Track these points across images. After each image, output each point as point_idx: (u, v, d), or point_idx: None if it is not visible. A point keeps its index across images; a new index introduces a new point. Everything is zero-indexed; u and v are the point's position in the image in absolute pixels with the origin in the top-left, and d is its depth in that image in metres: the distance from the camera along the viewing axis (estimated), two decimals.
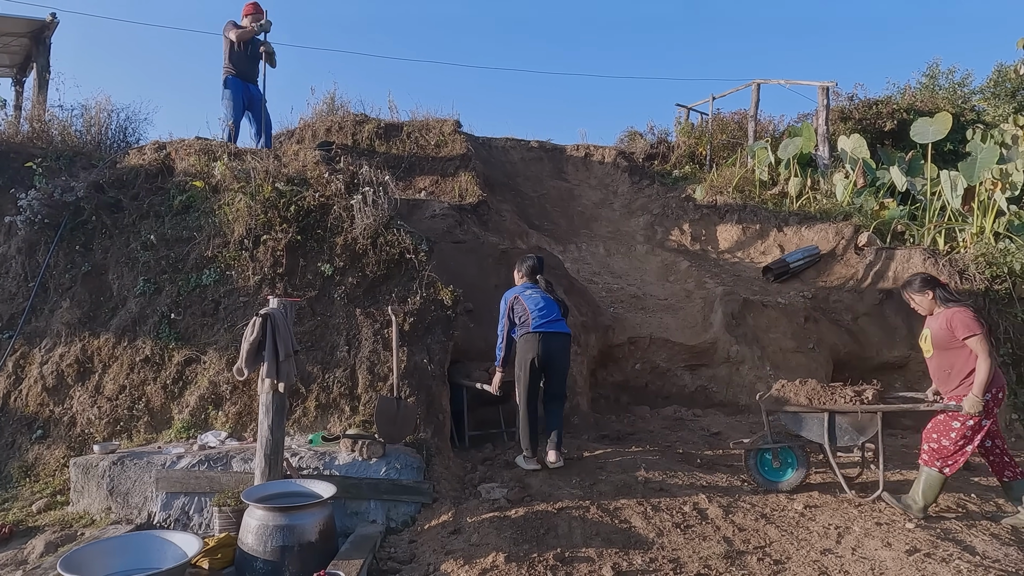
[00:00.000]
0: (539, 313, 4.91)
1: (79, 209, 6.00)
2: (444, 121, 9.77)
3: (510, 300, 5.04)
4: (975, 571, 3.31)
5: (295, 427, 5.06)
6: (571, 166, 11.34)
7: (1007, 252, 7.45)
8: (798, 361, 6.90)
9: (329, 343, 5.36)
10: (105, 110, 7.56)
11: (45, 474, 5.06)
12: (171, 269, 5.73)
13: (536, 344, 4.82)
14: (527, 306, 4.94)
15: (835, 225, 8.77)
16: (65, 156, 6.65)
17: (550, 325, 4.89)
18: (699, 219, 9.97)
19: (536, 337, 4.83)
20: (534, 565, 3.53)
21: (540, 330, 4.85)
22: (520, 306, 4.98)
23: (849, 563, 3.49)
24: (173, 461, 4.51)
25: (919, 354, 7.07)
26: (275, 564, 3.55)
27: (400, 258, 5.68)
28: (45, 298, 5.81)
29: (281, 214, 5.71)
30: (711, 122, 12.56)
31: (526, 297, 4.99)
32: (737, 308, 7.21)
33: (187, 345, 5.42)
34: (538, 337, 4.83)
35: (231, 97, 7.22)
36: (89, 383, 5.39)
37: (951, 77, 17.13)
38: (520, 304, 4.98)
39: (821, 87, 10.52)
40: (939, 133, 9.06)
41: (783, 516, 4.11)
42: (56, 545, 4.11)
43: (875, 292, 7.66)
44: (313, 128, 9.61)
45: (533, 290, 5.08)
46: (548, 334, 4.86)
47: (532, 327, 4.85)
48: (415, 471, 4.54)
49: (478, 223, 8.00)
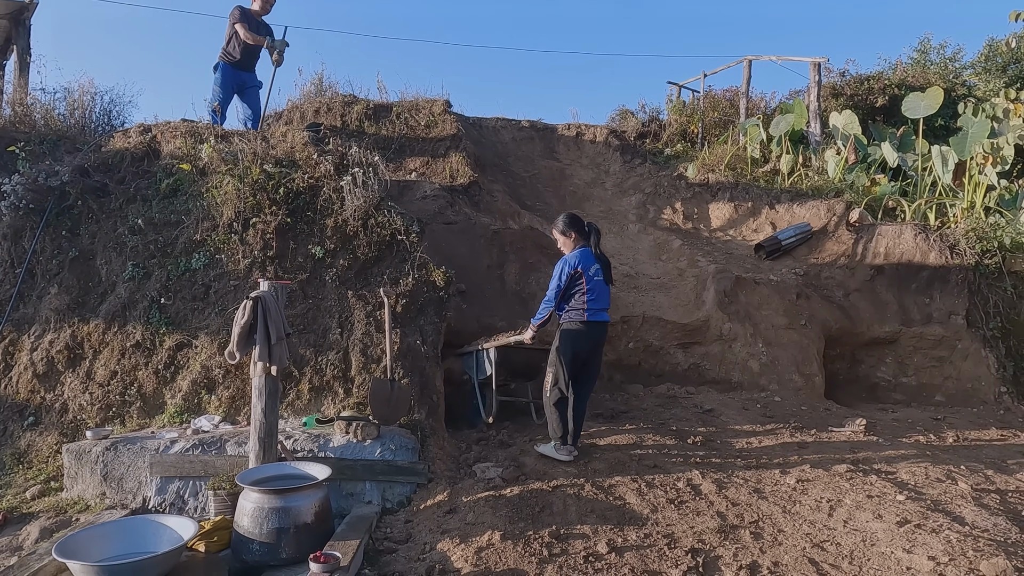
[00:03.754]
0: (595, 299, 4.57)
1: (64, 194, 5.91)
2: (434, 101, 9.65)
3: (571, 271, 4.57)
4: (965, 541, 3.36)
5: (289, 410, 5.05)
6: (562, 145, 11.26)
7: (997, 227, 7.48)
8: (790, 337, 6.93)
9: (322, 326, 5.34)
10: (88, 93, 7.45)
11: (38, 461, 5.05)
12: (160, 253, 5.67)
13: (586, 335, 4.58)
14: (586, 290, 4.56)
15: (827, 202, 8.77)
16: (49, 140, 6.55)
17: (600, 314, 4.62)
18: (691, 197, 9.94)
19: (587, 327, 4.57)
20: (530, 543, 3.56)
21: (592, 320, 4.57)
22: (579, 287, 4.57)
23: (841, 535, 3.53)
24: (167, 446, 4.50)
25: (910, 328, 7.15)
26: (271, 546, 3.56)
27: (391, 240, 5.64)
28: (32, 284, 5.75)
29: (270, 196, 5.65)
30: (703, 100, 12.48)
31: (589, 277, 4.57)
32: (729, 286, 7.22)
33: (178, 330, 5.39)
34: (588, 327, 4.57)
35: (220, 82, 7.12)
36: (80, 369, 5.36)
37: (942, 52, 17.10)
38: (580, 284, 4.57)
39: (812, 63, 10.45)
40: (930, 108, 9.04)
41: (776, 490, 4.15)
42: (51, 531, 4.11)
43: (866, 268, 7.68)
44: (301, 110, 9.48)
45: (595, 266, 4.62)
46: (597, 323, 4.60)
47: (587, 317, 4.54)
48: (410, 452, 4.55)
49: (469, 204, 7.95)
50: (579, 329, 4.57)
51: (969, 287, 7.23)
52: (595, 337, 4.63)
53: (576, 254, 4.63)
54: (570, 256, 4.65)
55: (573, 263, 4.57)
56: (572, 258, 4.61)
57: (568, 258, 4.64)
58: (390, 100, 9.76)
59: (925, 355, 7.14)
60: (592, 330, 4.59)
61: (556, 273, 4.63)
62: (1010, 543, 3.40)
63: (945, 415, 6.27)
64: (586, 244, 4.69)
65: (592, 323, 4.57)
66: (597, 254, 4.66)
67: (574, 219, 4.78)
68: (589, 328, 4.57)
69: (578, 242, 4.71)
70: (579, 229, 4.72)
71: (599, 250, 4.70)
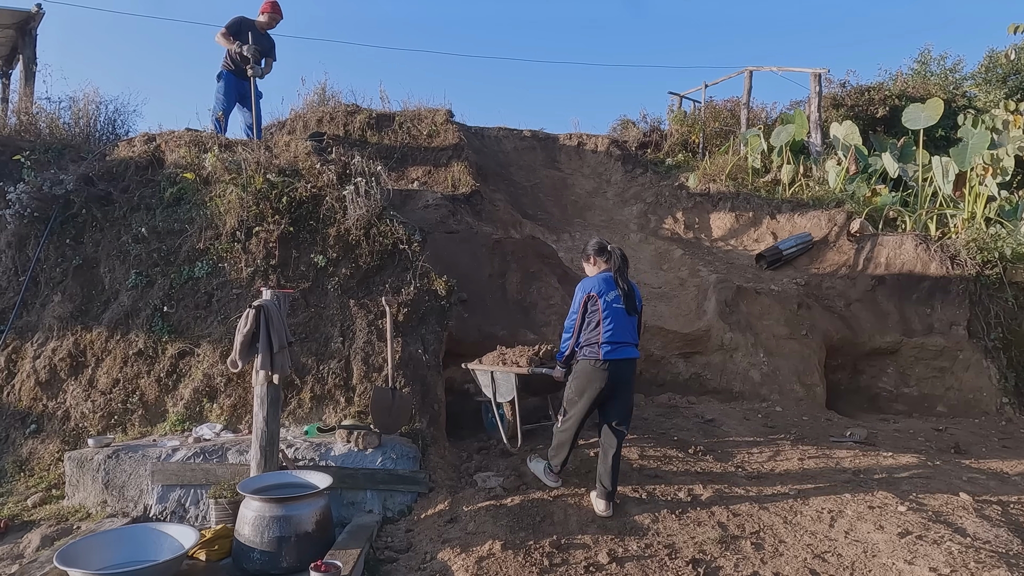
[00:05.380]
0: (612, 331, 4.02)
1: (69, 202, 5.95)
2: (436, 111, 9.71)
3: (585, 298, 4.11)
4: (966, 552, 3.35)
5: (290, 419, 5.06)
6: (564, 155, 11.31)
7: (998, 237, 7.50)
8: (791, 348, 6.93)
9: (323, 334, 5.35)
10: (93, 102, 7.50)
11: (40, 468, 5.05)
12: (163, 262, 5.69)
13: (600, 374, 4.01)
14: (602, 319, 4.03)
15: (827, 212, 8.79)
16: (54, 149, 6.59)
17: (621, 349, 4.04)
18: (692, 207, 9.97)
19: (604, 366, 4.00)
20: (531, 552, 3.55)
21: (609, 357, 4.00)
22: (595, 315, 4.07)
23: (842, 546, 3.52)
24: (168, 454, 4.50)
25: (911, 339, 7.15)
26: (272, 555, 3.56)
27: (393, 248, 5.67)
28: (36, 292, 5.77)
29: (273, 205, 5.68)
30: (704, 110, 12.53)
31: (605, 304, 4.05)
32: (730, 296, 7.23)
33: (180, 338, 5.40)
34: (606, 366, 4.00)
35: (224, 90, 7.16)
36: (82, 377, 5.37)
37: (943, 63, 17.16)
38: (596, 311, 4.07)
39: (813, 74, 10.51)
40: (931, 119, 9.08)
41: (777, 501, 4.14)
42: (52, 539, 4.10)
43: (867, 278, 7.69)
44: (304, 119, 9.53)
45: (615, 294, 4.10)
46: (615, 362, 4.02)
47: (602, 355, 3.99)
48: (411, 461, 4.55)
49: (471, 213, 7.98)
50: (592, 368, 4.03)
51: (970, 297, 7.23)
52: (614, 377, 4.02)
53: (594, 279, 4.19)
54: (587, 280, 4.23)
55: (588, 287, 4.14)
56: (588, 282, 4.18)
57: (584, 282, 4.22)
58: (393, 109, 9.82)
59: (926, 365, 7.13)
60: (610, 369, 4.00)
61: (573, 300, 4.24)
62: (1012, 555, 3.39)
63: (947, 426, 6.26)
64: (609, 269, 4.23)
65: (609, 361, 4.00)
66: (618, 280, 4.14)
67: (600, 246, 4.32)
68: (604, 366, 3.99)
69: (601, 268, 4.28)
70: (604, 255, 4.29)
71: (623, 277, 4.17)
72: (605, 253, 4.27)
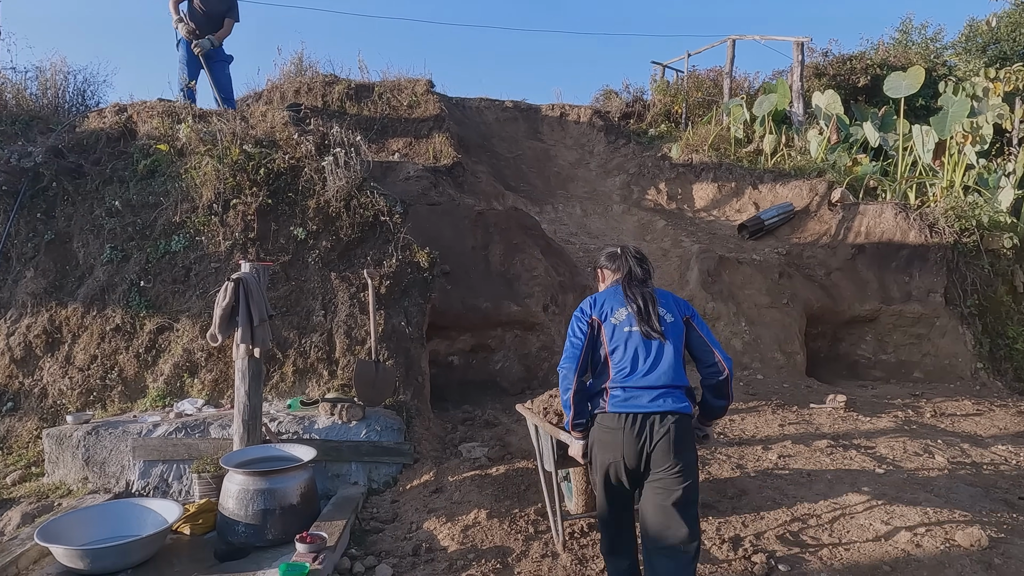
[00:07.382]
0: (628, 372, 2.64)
1: (38, 175, 5.78)
2: (416, 81, 9.55)
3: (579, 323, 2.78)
4: (941, 512, 3.44)
5: (273, 393, 5.03)
6: (547, 126, 11.21)
7: (975, 205, 7.58)
8: (772, 316, 7.00)
9: (305, 308, 5.30)
10: (61, 72, 7.26)
11: (18, 446, 4.99)
12: (138, 236, 5.58)
13: (615, 439, 2.58)
14: (608, 353, 2.70)
15: (809, 182, 8.82)
16: (21, 120, 6.40)
17: (643, 398, 2.58)
18: (675, 178, 9.95)
19: (616, 425, 2.58)
20: (515, 520, 3.59)
21: (620, 410, 2.59)
22: (601, 343, 2.73)
23: (821, 508, 3.59)
24: (150, 429, 4.46)
25: (890, 306, 7.24)
26: (257, 527, 3.56)
27: (375, 221, 5.59)
28: (7, 268, 5.63)
29: (250, 177, 5.57)
30: (687, 80, 12.45)
31: (612, 329, 2.72)
32: (713, 265, 7.27)
33: (159, 313, 5.32)
34: (619, 425, 2.57)
35: (185, 58, 6.94)
36: (59, 354, 5.28)
37: (924, 32, 17.20)
38: (602, 341, 2.73)
39: (796, 43, 10.45)
40: (912, 87, 9.09)
41: (758, 466, 4.21)
42: (33, 516, 4.07)
43: (847, 247, 7.76)
44: (281, 89, 9.33)
45: (623, 310, 2.74)
46: (638, 417, 2.56)
47: (609, 406, 2.61)
48: (395, 433, 4.55)
49: (453, 185, 7.90)
50: (599, 429, 2.66)
51: (948, 265, 7.33)
52: (641, 441, 2.55)
53: (595, 296, 2.87)
54: (585, 300, 2.88)
55: (586, 309, 2.80)
56: (586, 302, 2.85)
57: (582, 304, 2.87)
58: (372, 80, 9.64)
59: (904, 332, 7.25)
60: (626, 428, 2.56)
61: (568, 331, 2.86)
62: (984, 513, 3.48)
63: (923, 391, 6.38)
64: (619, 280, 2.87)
65: (626, 416, 2.57)
66: (630, 292, 2.78)
67: (611, 254, 2.96)
68: (621, 426, 2.57)
69: (610, 281, 2.93)
70: (614, 262, 2.92)
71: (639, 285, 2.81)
72: (616, 260, 2.92)
